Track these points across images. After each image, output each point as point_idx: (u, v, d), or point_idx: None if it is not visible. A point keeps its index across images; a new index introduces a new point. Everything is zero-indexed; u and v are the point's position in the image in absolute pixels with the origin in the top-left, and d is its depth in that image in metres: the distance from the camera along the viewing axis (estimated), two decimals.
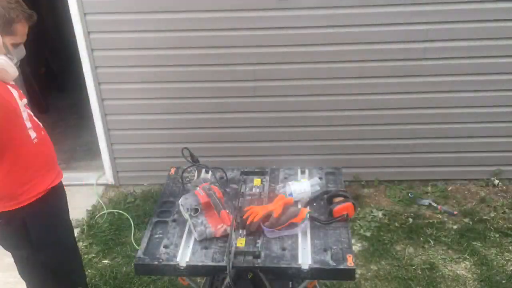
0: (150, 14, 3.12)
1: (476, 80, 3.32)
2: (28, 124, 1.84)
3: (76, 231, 3.34)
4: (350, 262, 1.66)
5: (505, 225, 3.23)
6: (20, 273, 2.09)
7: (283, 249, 1.75)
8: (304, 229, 1.83)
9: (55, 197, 1.99)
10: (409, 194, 3.56)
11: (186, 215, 1.85)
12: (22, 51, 1.85)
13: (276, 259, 1.70)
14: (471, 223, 3.26)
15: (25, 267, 2.04)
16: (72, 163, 4.23)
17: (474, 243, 3.08)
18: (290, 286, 2.26)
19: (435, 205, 3.43)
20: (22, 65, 4.78)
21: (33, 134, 1.85)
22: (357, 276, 2.84)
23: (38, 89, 5.05)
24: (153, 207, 2.82)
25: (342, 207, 1.85)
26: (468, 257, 2.98)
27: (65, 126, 4.86)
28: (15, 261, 2.06)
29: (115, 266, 3.01)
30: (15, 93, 1.80)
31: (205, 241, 1.81)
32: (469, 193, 3.60)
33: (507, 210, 3.37)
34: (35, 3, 5.70)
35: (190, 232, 1.88)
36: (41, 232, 1.91)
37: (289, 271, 1.68)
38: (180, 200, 1.90)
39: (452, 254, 3.01)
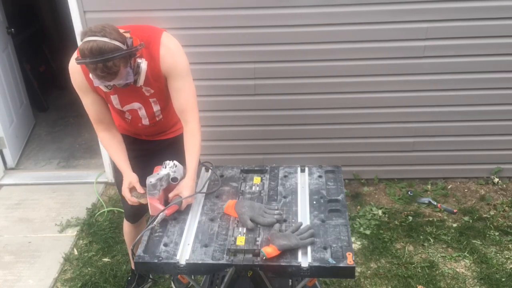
0: (150, 12, 3.11)
1: (476, 78, 3.32)
2: None
3: (76, 229, 3.35)
4: (349, 260, 1.66)
5: (504, 223, 3.23)
6: None
7: None
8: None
9: None
10: (409, 192, 3.57)
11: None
12: None
13: (276, 257, 1.70)
14: (470, 221, 3.26)
15: None
16: (72, 161, 4.24)
17: (474, 241, 3.09)
18: (290, 284, 2.27)
19: (435, 203, 3.43)
20: (22, 63, 4.80)
21: None
22: (356, 274, 2.84)
23: (38, 87, 5.06)
24: None
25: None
26: (467, 255, 2.98)
27: (65, 124, 4.86)
28: None
29: (115, 264, 3.02)
30: None
31: (205, 239, 1.82)
32: (468, 191, 3.60)
33: (507, 208, 3.37)
34: (35, 1, 5.72)
35: (190, 231, 1.89)
36: None
37: (289, 269, 1.68)
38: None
39: (452, 252, 3.01)
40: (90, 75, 1.82)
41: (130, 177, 2.07)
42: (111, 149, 2.17)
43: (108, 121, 2.17)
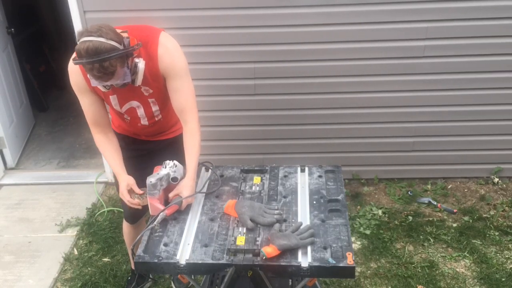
0: (149, 12, 3.11)
1: (475, 78, 3.32)
2: None
3: (76, 229, 3.35)
4: (349, 260, 1.67)
5: (504, 223, 3.23)
6: None
7: None
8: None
9: None
10: (409, 192, 3.57)
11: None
12: None
13: (276, 257, 1.70)
14: (470, 221, 3.26)
15: None
16: (72, 161, 4.24)
17: (474, 241, 3.09)
18: (290, 284, 2.27)
19: (435, 203, 3.43)
20: (22, 63, 4.80)
21: None
22: (356, 274, 2.84)
23: (38, 87, 5.06)
24: None
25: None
26: (467, 255, 2.98)
27: (65, 124, 4.87)
28: None
29: (115, 264, 3.02)
30: None
31: (205, 239, 1.82)
32: (468, 191, 3.60)
33: (506, 208, 3.37)
34: (35, 1, 5.71)
35: (190, 230, 1.89)
36: None
37: (289, 269, 1.68)
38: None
39: (452, 252, 3.02)
40: (88, 75, 1.82)
41: (127, 179, 2.08)
42: (107, 151, 2.17)
43: (105, 123, 2.17)
